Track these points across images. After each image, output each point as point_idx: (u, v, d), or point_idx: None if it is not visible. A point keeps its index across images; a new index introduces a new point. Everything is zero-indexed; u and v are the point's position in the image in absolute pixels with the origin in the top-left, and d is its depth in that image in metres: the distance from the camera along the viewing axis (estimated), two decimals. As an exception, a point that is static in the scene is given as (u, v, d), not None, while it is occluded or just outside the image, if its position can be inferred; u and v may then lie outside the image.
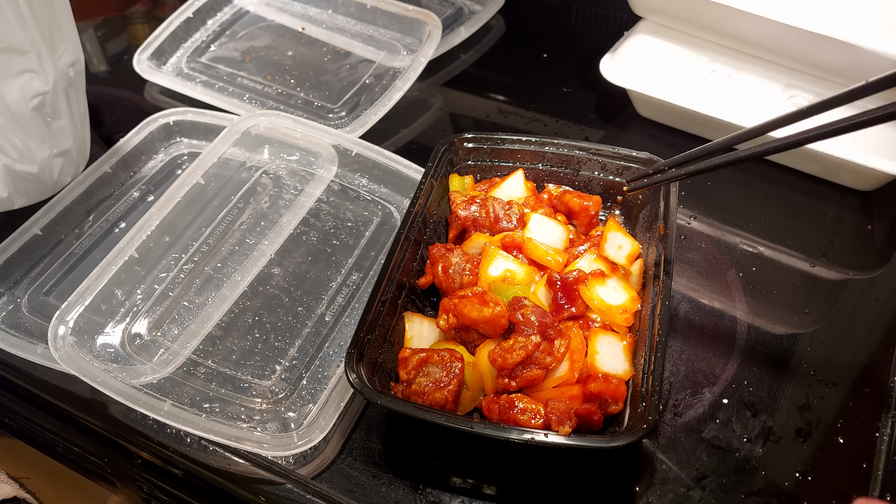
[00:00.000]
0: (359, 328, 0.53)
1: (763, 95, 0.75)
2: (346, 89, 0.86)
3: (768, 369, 0.58)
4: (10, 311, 0.64)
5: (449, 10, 0.96)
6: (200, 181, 0.68)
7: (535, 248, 0.59)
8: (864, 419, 0.54)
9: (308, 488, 0.53)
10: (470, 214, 0.63)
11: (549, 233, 0.62)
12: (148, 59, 0.89)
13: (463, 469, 0.53)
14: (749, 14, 0.70)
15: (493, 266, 0.58)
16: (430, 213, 0.64)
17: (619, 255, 0.59)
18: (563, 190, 0.67)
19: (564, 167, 0.68)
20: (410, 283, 0.61)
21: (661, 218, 0.60)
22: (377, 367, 0.54)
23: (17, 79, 0.62)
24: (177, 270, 0.64)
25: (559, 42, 0.96)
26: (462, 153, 0.68)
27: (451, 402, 0.52)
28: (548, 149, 0.67)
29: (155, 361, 0.56)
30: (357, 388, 0.50)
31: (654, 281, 0.55)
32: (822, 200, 0.72)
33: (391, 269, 0.58)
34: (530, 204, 0.65)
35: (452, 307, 0.55)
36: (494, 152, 0.68)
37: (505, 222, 0.62)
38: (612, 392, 0.51)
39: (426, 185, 0.63)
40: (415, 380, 0.53)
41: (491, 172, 0.69)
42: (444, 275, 0.59)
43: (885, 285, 0.65)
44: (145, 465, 0.57)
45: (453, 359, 0.53)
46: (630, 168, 0.65)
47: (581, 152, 0.67)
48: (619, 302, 0.57)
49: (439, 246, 0.61)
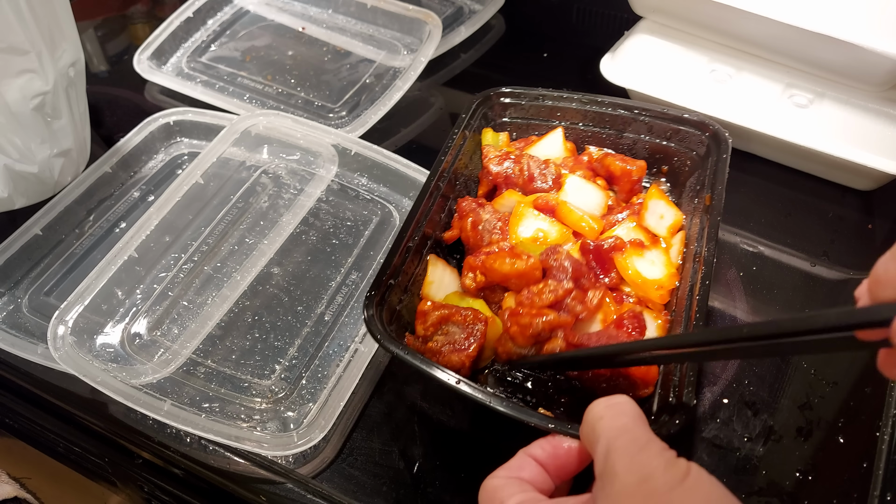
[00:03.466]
0: (381, 271, 0.50)
1: (763, 95, 0.74)
2: (346, 89, 0.86)
3: (769, 369, 0.58)
4: (10, 311, 0.64)
5: (449, 10, 0.96)
6: (200, 181, 0.68)
7: (569, 213, 0.54)
8: (864, 419, 0.54)
9: (308, 488, 0.53)
10: (503, 170, 0.58)
11: (587, 197, 0.57)
12: (148, 58, 0.89)
13: (463, 469, 0.53)
14: (749, 14, 0.70)
15: (524, 225, 0.54)
16: (459, 168, 0.59)
17: (661, 225, 0.55)
18: (604, 153, 0.62)
19: (608, 128, 0.63)
20: (436, 235, 0.57)
21: (707, 186, 0.55)
22: (395, 315, 0.51)
23: (17, 79, 0.62)
24: (176, 270, 0.64)
25: (559, 42, 0.96)
26: (498, 108, 0.64)
27: (468, 366, 0.48)
28: (590, 107, 0.63)
29: (155, 361, 0.56)
30: (374, 334, 0.47)
31: (696, 258, 0.51)
32: (822, 200, 0.72)
33: (419, 215, 0.54)
34: (568, 165, 0.60)
35: (480, 265, 0.51)
36: (533, 109, 0.64)
37: (539, 182, 0.57)
38: (643, 374, 0.47)
39: (458, 138, 0.59)
40: (432, 337, 0.49)
41: (528, 131, 0.65)
42: (472, 230, 0.55)
43: (885, 285, 0.64)
44: (146, 465, 0.57)
45: (476, 320, 0.49)
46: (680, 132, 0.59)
47: (626, 112, 0.62)
48: (657, 276, 0.52)
49: (470, 199, 0.57)
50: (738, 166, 0.75)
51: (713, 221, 0.53)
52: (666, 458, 0.34)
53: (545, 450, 0.42)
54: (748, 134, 0.72)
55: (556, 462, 0.41)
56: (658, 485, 0.33)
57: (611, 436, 0.36)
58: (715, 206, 0.53)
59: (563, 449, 0.41)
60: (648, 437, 0.36)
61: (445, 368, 0.46)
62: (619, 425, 0.37)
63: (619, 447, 0.35)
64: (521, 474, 0.40)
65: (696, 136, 0.59)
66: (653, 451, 0.35)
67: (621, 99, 0.63)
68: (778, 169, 0.74)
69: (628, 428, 0.36)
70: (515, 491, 0.39)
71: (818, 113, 0.72)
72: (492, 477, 0.40)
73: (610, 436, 0.36)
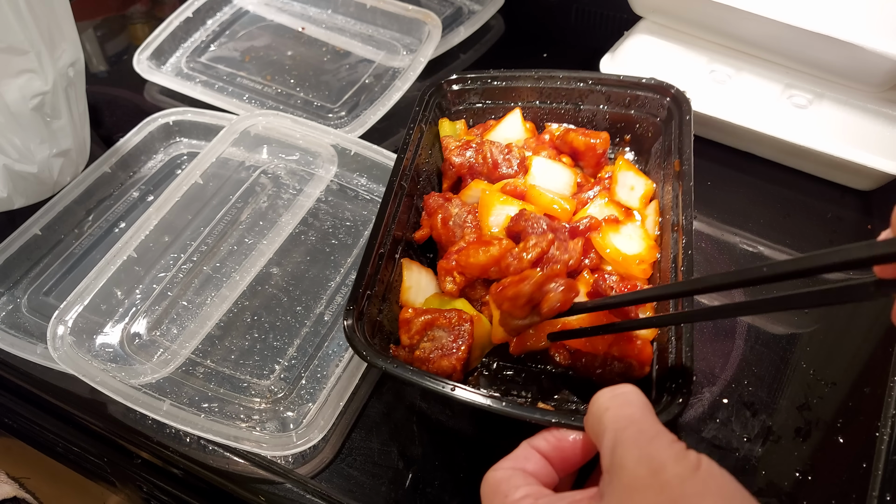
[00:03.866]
0: (356, 283, 0.48)
1: (763, 95, 0.74)
2: (345, 89, 0.86)
3: (768, 369, 0.58)
4: (9, 311, 0.64)
5: (449, 10, 0.96)
6: (199, 181, 0.68)
7: (540, 196, 0.53)
8: (864, 419, 0.54)
9: (307, 488, 0.53)
10: (465, 161, 0.56)
11: (555, 177, 0.56)
12: (148, 58, 0.89)
13: (462, 469, 0.53)
14: (749, 14, 0.70)
15: (494, 214, 0.52)
16: (420, 163, 0.58)
17: (632, 196, 0.54)
18: (565, 128, 0.60)
19: (564, 102, 0.62)
20: (406, 237, 0.55)
21: (675, 152, 0.54)
22: (377, 327, 0.50)
23: (16, 79, 0.62)
24: (175, 270, 0.64)
25: (559, 42, 0.96)
26: (451, 96, 0.62)
27: (460, 370, 0.47)
28: (544, 83, 0.61)
29: (154, 361, 0.56)
30: (359, 351, 0.45)
31: (674, 227, 0.50)
32: (821, 200, 0.72)
33: (386, 219, 0.52)
34: (531, 146, 0.59)
35: (455, 266, 0.49)
36: (486, 92, 0.62)
37: (505, 168, 0.56)
38: (637, 354, 0.46)
39: (414, 133, 0.57)
40: (418, 344, 0.48)
41: (484, 116, 0.63)
42: (443, 227, 0.53)
43: (884, 285, 0.64)
44: (145, 465, 0.57)
45: (462, 321, 0.47)
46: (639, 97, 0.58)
47: (582, 84, 0.61)
48: (636, 251, 0.51)
49: (436, 195, 0.55)
50: (737, 166, 0.75)
51: (686, 188, 0.51)
52: (676, 449, 0.33)
53: (549, 442, 0.41)
54: (748, 134, 0.72)
55: (560, 454, 0.40)
56: (669, 477, 0.32)
57: (618, 427, 0.35)
58: (685, 172, 0.52)
59: (568, 441, 0.40)
60: (657, 428, 0.35)
61: (437, 376, 0.45)
62: (625, 415, 0.36)
63: (627, 439, 0.34)
64: (525, 466, 0.39)
65: (655, 99, 0.58)
66: (663, 443, 0.34)
67: (575, 71, 0.61)
68: (777, 169, 0.74)
69: (635, 419, 0.35)
70: (520, 483, 0.38)
71: (817, 113, 0.72)
72: (495, 469, 0.39)
73: (617, 427, 0.35)
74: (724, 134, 0.76)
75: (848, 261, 0.31)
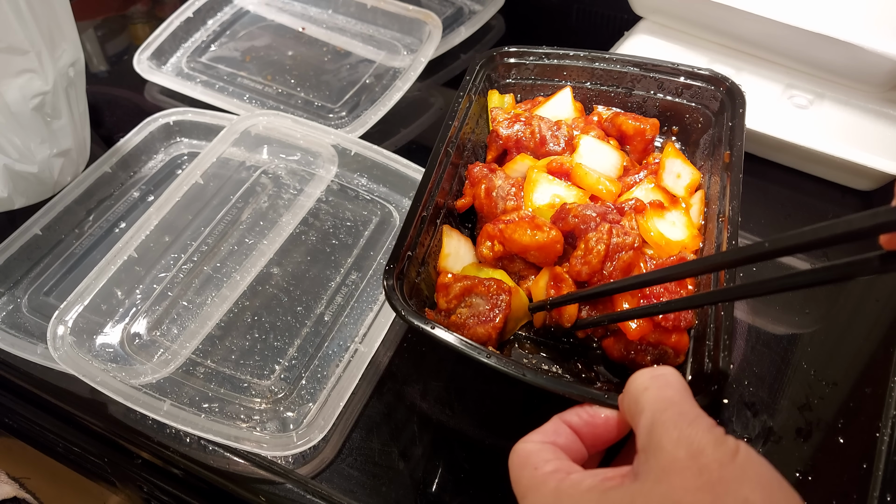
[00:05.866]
0: (398, 243, 0.48)
1: (763, 95, 0.74)
2: (346, 89, 0.86)
3: (768, 369, 0.58)
4: (10, 311, 0.64)
5: (449, 10, 0.96)
6: (199, 181, 0.68)
7: (585, 175, 0.53)
8: (864, 419, 0.54)
9: (308, 488, 0.53)
10: (513, 134, 0.56)
11: (602, 158, 0.55)
12: (148, 58, 0.89)
13: (463, 469, 0.53)
14: (749, 14, 0.70)
15: (539, 192, 0.52)
16: (466, 133, 0.58)
17: (678, 185, 0.54)
18: (614, 112, 0.60)
19: (616, 86, 0.62)
20: (448, 204, 0.55)
21: (725, 143, 0.53)
22: (414, 289, 0.49)
23: (17, 79, 0.62)
24: (176, 270, 0.64)
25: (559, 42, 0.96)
26: (502, 69, 0.62)
27: (494, 338, 0.47)
28: (598, 65, 0.61)
29: (154, 361, 0.56)
30: (397, 308, 0.45)
31: (719, 217, 0.50)
32: (822, 200, 0.72)
33: (431, 184, 0.52)
34: (579, 126, 0.58)
35: (498, 233, 0.49)
36: (538, 69, 0.62)
37: (552, 144, 0.56)
38: (674, 343, 0.45)
39: (463, 102, 0.57)
40: (455, 310, 0.48)
41: (533, 92, 0.63)
42: (486, 197, 0.53)
43: (885, 285, 0.64)
44: (145, 465, 0.57)
45: (500, 290, 0.47)
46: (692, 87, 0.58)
47: (635, 69, 0.60)
48: (680, 238, 0.51)
49: (481, 166, 0.55)
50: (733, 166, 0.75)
51: (735, 178, 0.51)
52: (715, 434, 0.33)
53: (581, 417, 0.40)
54: (748, 134, 0.72)
55: (592, 430, 0.40)
56: (709, 461, 0.32)
57: (657, 408, 0.35)
58: (735, 164, 0.51)
59: (601, 418, 0.40)
60: (697, 411, 0.34)
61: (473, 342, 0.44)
62: (665, 397, 0.35)
63: (666, 420, 0.34)
64: (556, 440, 0.39)
65: (709, 91, 0.58)
66: (702, 427, 0.33)
67: (630, 55, 0.61)
68: (778, 169, 0.74)
69: (675, 401, 0.35)
70: (550, 457, 0.37)
71: (818, 113, 0.72)
72: (525, 441, 0.39)
73: (656, 408, 0.35)
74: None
75: (851, 231, 0.30)
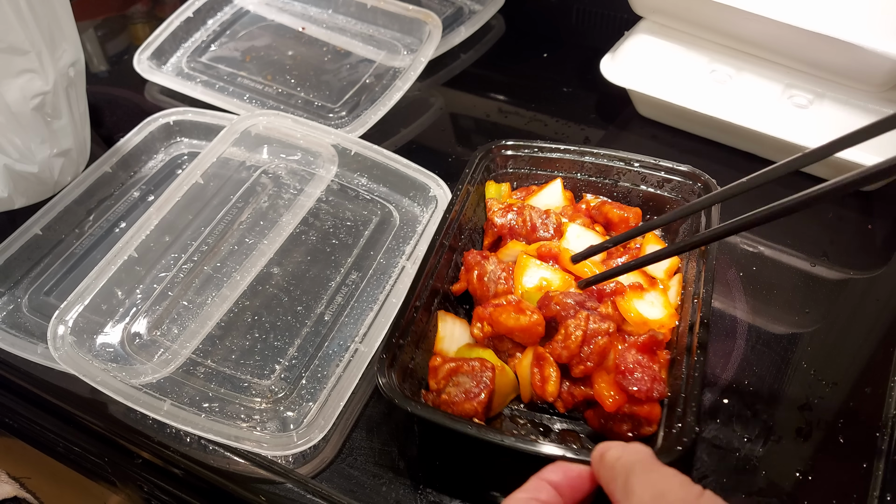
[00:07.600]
0: (391, 332, 0.52)
1: (763, 95, 0.74)
2: (346, 89, 0.86)
3: (768, 369, 0.58)
4: (10, 311, 0.64)
5: (449, 10, 0.96)
6: (200, 181, 0.68)
7: None
8: (864, 419, 0.54)
9: (308, 488, 0.53)
10: (506, 222, 0.62)
11: (586, 243, 0.60)
12: (148, 58, 0.89)
13: (463, 469, 0.53)
14: (749, 14, 0.70)
15: (528, 276, 0.57)
16: (465, 219, 0.63)
17: (658, 268, 0.58)
18: (601, 200, 0.66)
19: (603, 177, 0.67)
20: (444, 288, 0.60)
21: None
22: (408, 373, 0.54)
23: (17, 79, 0.62)
24: (176, 270, 0.64)
25: (559, 42, 0.96)
26: (500, 160, 0.68)
27: (481, 412, 0.51)
28: (587, 159, 0.66)
29: (155, 361, 0.56)
30: (387, 394, 0.49)
31: (693, 298, 0.54)
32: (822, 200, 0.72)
33: (426, 274, 0.57)
34: (568, 213, 0.64)
35: (487, 316, 0.54)
36: (532, 160, 0.68)
37: (542, 231, 0.61)
38: (647, 413, 0.49)
39: (462, 192, 0.63)
40: (444, 389, 0.52)
41: (528, 181, 0.68)
42: (478, 282, 0.58)
43: (885, 285, 0.64)
44: (145, 465, 0.57)
45: (484, 369, 0.52)
46: (672, 181, 0.64)
47: (621, 163, 0.66)
48: (657, 317, 0.55)
49: (475, 252, 0.60)
50: (737, 166, 0.75)
51: (709, 266, 0.56)
52: (681, 478, 0.37)
53: (558, 474, 0.44)
54: (748, 134, 0.72)
55: (570, 484, 0.44)
56: (673, 499, 0.36)
57: (629, 468, 0.39)
58: (709, 252, 0.57)
59: (575, 472, 0.44)
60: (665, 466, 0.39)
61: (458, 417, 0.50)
62: (637, 458, 0.40)
63: (637, 470, 0.38)
64: (538, 496, 0.42)
65: (687, 185, 0.64)
66: (670, 473, 0.38)
67: (615, 150, 0.66)
68: (778, 169, 0.74)
69: (646, 457, 0.40)
70: None
71: (818, 113, 0.72)
72: (510, 499, 0.42)
73: (629, 468, 0.39)
74: (725, 134, 0.76)
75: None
